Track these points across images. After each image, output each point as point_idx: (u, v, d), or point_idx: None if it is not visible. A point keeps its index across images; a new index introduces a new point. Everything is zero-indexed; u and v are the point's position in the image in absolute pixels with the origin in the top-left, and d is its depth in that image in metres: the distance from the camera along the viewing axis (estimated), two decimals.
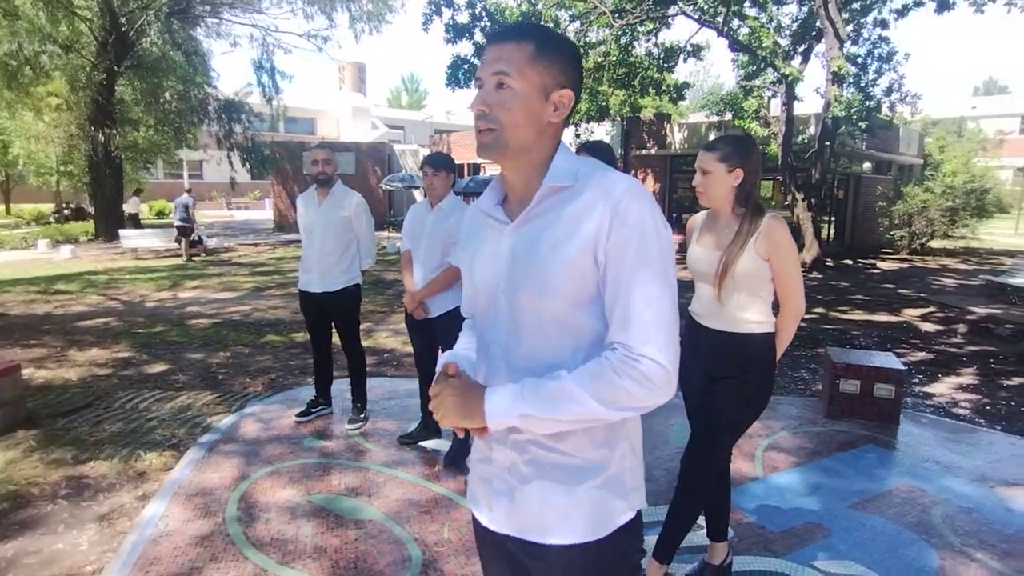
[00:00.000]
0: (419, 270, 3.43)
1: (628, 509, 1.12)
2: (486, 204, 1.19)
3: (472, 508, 1.24)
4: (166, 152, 20.29)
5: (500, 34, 1.09)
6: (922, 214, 15.09)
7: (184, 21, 17.11)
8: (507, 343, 1.11)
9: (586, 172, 1.08)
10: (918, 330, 7.40)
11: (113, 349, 5.92)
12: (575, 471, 1.08)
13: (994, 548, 2.71)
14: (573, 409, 0.99)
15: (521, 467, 1.11)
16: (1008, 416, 4.49)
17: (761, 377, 2.21)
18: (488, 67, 1.08)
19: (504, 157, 1.10)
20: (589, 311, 1.06)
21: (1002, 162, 27.65)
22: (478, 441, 1.19)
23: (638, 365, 0.97)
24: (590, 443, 1.08)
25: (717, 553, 2.44)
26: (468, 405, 1.05)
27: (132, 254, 13.98)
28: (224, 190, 29.75)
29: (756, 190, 2.21)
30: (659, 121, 16.62)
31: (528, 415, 1.01)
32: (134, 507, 3.01)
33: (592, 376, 0.99)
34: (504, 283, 1.11)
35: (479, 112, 1.08)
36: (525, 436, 1.10)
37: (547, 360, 1.08)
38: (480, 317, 1.19)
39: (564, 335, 1.07)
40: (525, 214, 1.10)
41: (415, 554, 2.61)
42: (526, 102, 1.06)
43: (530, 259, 1.07)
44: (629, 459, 1.13)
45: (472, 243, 1.22)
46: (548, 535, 1.09)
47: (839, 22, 11.43)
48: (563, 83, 1.09)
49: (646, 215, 1.02)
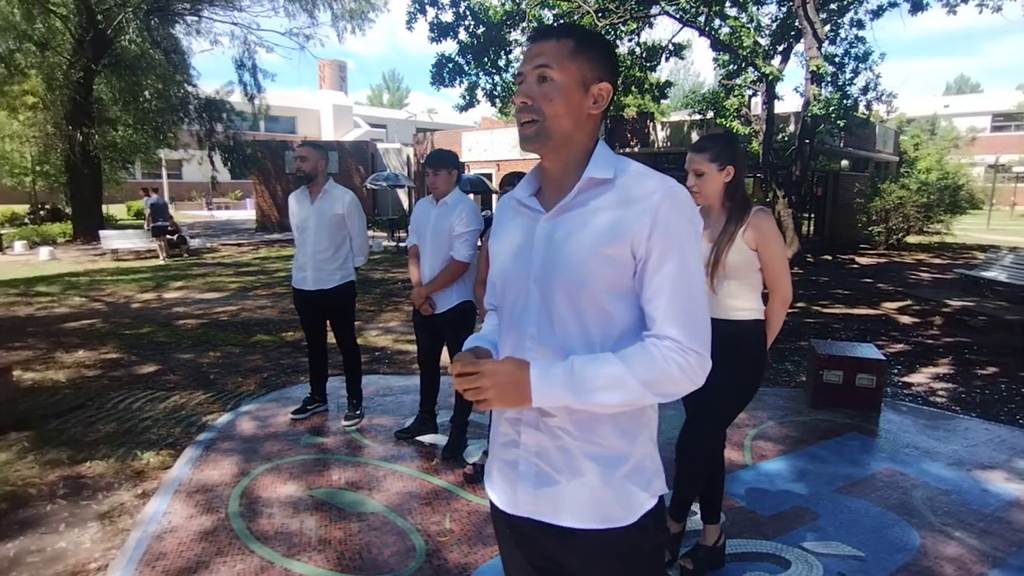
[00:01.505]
0: (426, 265, 3.47)
1: (651, 496, 1.15)
2: (521, 194, 1.21)
3: (490, 492, 1.25)
4: (145, 151, 20.01)
5: (542, 32, 1.14)
6: (898, 210, 15.44)
7: (163, 19, 16.86)
8: (538, 331, 1.13)
9: (624, 167, 1.12)
10: (896, 322, 7.61)
11: (100, 350, 5.88)
12: (603, 458, 1.11)
13: (972, 527, 2.85)
14: (620, 395, 1.03)
15: (552, 452, 1.13)
16: (982, 403, 4.67)
17: (752, 362, 2.31)
18: (530, 62, 1.12)
19: (546, 147, 1.13)
20: (622, 301, 1.10)
21: (974, 159, 28.38)
22: (504, 425, 1.20)
23: (688, 357, 1.03)
24: (617, 431, 1.11)
25: (710, 535, 2.54)
26: (511, 384, 1.04)
27: (113, 255, 13.78)
28: (204, 190, 29.44)
29: (743, 184, 2.32)
30: (642, 120, 16.79)
31: (578, 400, 1.04)
32: (135, 505, 3.03)
33: (643, 363, 1.03)
34: (537, 271, 1.13)
35: (522, 104, 1.12)
36: (556, 421, 1.12)
37: (579, 347, 1.10)
38: (509, 305, 1.20)
39: (596, 324, 1.10)
40: (563, 204, 1.13)
41: (419, 544, 2.67)
42: (567, 93, 1.10)
43: (567, 248, 1.10)
44: (650, 446, 1.17)
45: (504, 231, 1.24)
46: (575, 520, 1.12)
47: (817, 22, 11.65)
48: (601, 76, 1.13)
49: (686, 214, 1.08)
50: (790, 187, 12.98)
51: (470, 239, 3.38)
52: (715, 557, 2.52)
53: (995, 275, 8.79)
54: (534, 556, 1.22)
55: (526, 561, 1.23)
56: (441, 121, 39.06)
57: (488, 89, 13.92)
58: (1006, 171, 29.73)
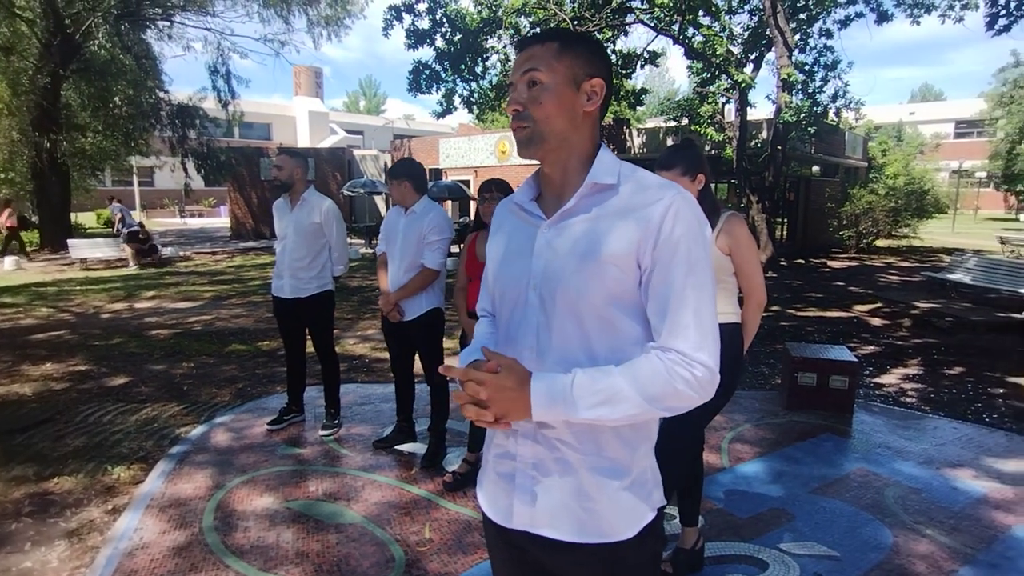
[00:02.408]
0: (394, 272, 3.46)
1: (651, 509, 1.12)
2: (521, 198, 1.18)
3: (483, 504, 1.21)
4: (116, 158, 19.58)
5: (525, 40, 1.12)
6: (868, 215, 15.81)
7: (134, 24, 16.55)
8: (537, 341, 1.10)
9: (628, 172, 1.09)
10: (867, 324, 7.77)
11: (69, 362, 5.72)
12: (604, 471, 1.07)
13: (942, 524, 2.91)
14: (624, 409, 0.99)
15: (549, 464, 1.09)
16: (950, 403, 4.79)
17: (728, 364, 2.34)
18: (518, 69, 1.10)
19: (543, 151, 1.10)
20: (626, 311, 1.06)
21: (939, 164, 29.20)
22: (499, 436, 1.15)
23: (694, 370, 0.99)
24: (619, 442, 1.08)
25: (688, 538, 2.56)
26: (511, 395, 1.00)
27: (81, 264, 13.45)
28: (177, 197, 28.86)
29: (711, 189, 2.36)
30: (618, 126, 16.96)
31: (579, 414, 0.99)
32: (105, 521, 2.95)
33: (646, 376, 0.99)
34: (537, 279, 1.09)
35: (514, 112, 1.09)
36: (555, 433, 1.07)
37: (581, 358, 1.06)
38: (507, 314, 1.16)
39: (598, 334, 1.06)
40: (565, 210, 1.09)
41: (398, 554, 2.64)
42: (556, 93, 1.07)
43: (569, 256, 1.06)
44: (650, 458, 1.14)
45: (502, 236, 1.20)
46: (576, 535, 1.08)
47: (787, 31, 11.91)
48: (592, 72, 1.09)
49: (693, 222, 1.03)
50: (763, 192, 13.21)
51: (441, 247, 3.39)
52: (694, 560, 2.54)
53: (960, 277, 9.04)
54: (529, 570, 1.18)
55: (520, 574, 1.20)
56: (418, 128, 38.97)
57: (465, 96, 13.94)
58: (969, 176, 30.67)
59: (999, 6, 9.90)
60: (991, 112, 30.30)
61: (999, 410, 4.63)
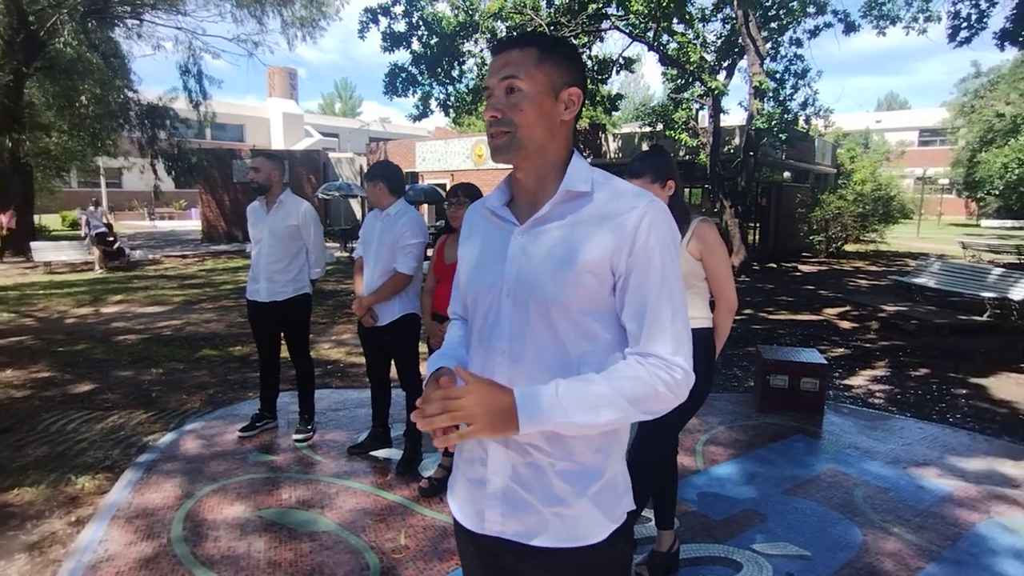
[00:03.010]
0: (368, 275, 3.43)
1: (622, 512, 1.13)
2: (493, 203, 1.18)
3: (454, 510, 1.20)
4: (82, 159, 19.07)
5: (503, 43, 1.11)
6: (837, 220, 16.18)
7: (101, 21, 16.16)
8: (510, 346, 1.09)
9: (601, 180, 1.10)
10: (837, 327, 7.94)
11: (31, 369, 5.54)
12: (575, 476, 1.08)
13: (909, 523, 2.98)
14: (609, 415, 0.99)
15: (521, 469, 1.09)
16: (916, 404, 4.92)
17: (700, 368, 2.36)
18: (495, 75, 1.09)
19: (519, 158, 1.10)
20: (600, 317, 1.07)
21: (904, 171, 30.06)
22: (469, 441, 1.13)
23: (673, 373, 1.02)
24: (589, 448, 1.08)
25: (664, 540, 2.57)
26: (497, 412, 0.97)
27: (45, 268, 13.05)
28: (146, 199, 28.24)
29: (682, 194, 2.39)
30: (594, 131, 17.10)
31: (567, 423, 0.98)
32: (68, 533, 2.85)
33: (630, 382, 1.00)
34: (510, 285, 1.09)
35: (492, 118, 1.09)
36: (526, 438, 1.06)
37: (554, 364, 1.07)
38: (479, 319, 1.16)
39: (573, 341, 1.07)
40: (539, 217, 1.10)
41: (372, 562, 2.61)
42: (536, 101, 1.07)
43: (545, 262, 1.07)
44: (621, 463, 1.14)
45: (474, 241, 1.20)
46: (546, 540, 1.08)
47: (759, 40, 12.16)
48: (570, 81, 1.10)
49: (666, 231, 1.06)
50: (736, 197, 13.43)
51: (414, 251, 3.36)
52: (670, 563, 2.56)
53: (925, 281, 9.30)
54: (502, 574, 1.18)
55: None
56: (394, 131, 38.73)
57: (441, 99, 13.90)
58: (932, 183, 31.62)
59: (961, 19, 10.23)
60: (953, 121, 31.28)
61: (962, 410, 4.77)
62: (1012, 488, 3.35)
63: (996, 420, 4.55)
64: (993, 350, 6.70)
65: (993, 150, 23.42)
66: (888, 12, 12.01)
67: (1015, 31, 9.27)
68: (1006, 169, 21.42)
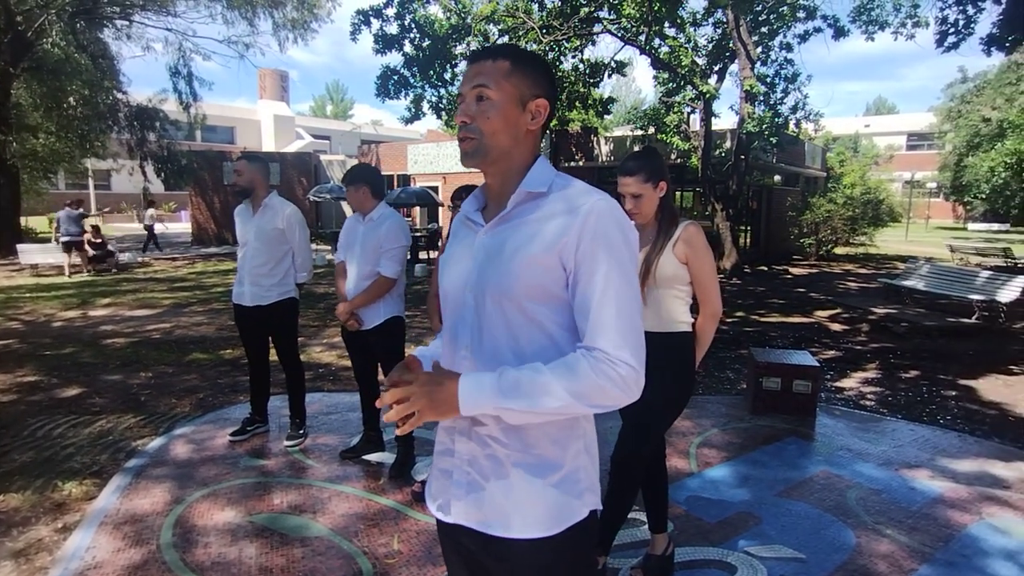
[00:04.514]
0: (352, 280, 3.40)
1: (582, 507, 1.15)
2: (468, 209, 1.26)
3: (428, 499, 1.27)
4: (69, 161, 18.90)
5: (477, 54, 1.18)
6: (827, 223, 16.30)
7: (90, 22, 16.04)
8: (471, 340, 1.16)
9: (561, 183, 1.16)
10: (828, 330, 7.99)
11: (16, 373, 5.47)
12: (531, 467, 1.12)
13: (901, 524, 2.99)
14: (549, 403, 1.02)
15: (481, 460, 1.15)
16: (907, 405, 4.95)
17: (681, 373, 2.35)
18: (468, 83, 1.16)
19: (485, 163, 1.17)
20: (551, 311, 1.12)
21: (892, 175, 30.32)
22: (441, 434, 1.23)
23: (617, 368, 1.03)
24: (547, 440, 1.13)
25: (659, 544, 2.56)
26: (441, 394, 1.05)
27: (32, 270, 12.90)
28: (135, 201, 27.99)
29: (671, 196, 2.38)
30: (586, 134, 17.12)
31: (505, 408, 1.03)
32: (54, 540, 2.81)
33: (571, 372, 1.03)
34: (472, 281, 1.16)
35: (462, 124, 1.16)
36: (486, 430, 1.13)
37: (510, 357, 1.12)
38: (450, 315, 1.23)
39: (526, 333, 1.12)
40: (500, 216, 1.17)
41: (365, 567, 2.58)
42: (503, 111, 1.14)
43: (498, 258, 1.13)
44: (583, 458, 1.17)
45: (451, 246, 1.28)
46: (504, 528, 1.13)
47: (750, 44, 12.25)
48: (538, 93, 1.17)
49: (613, 226, 1.09)
50: (728, 201, 13.50)
51: (397, 255, 3.35)
52: (665, 566, 2.55)
53: (914, 284, 9.38)
54: (471, 563, 1.23)
55: (464, 569, 1.25)
56: (386, 133, 38.67)
57: (433, 102, 13.88)
58: (920, 187, 31.95)
59: (948, 25, 10.34)
60: (940, 126, 31.61)
61: (952, 412, 4.80)
62: (1002, 489, 3.38)
63: (986, 421, 4.59)
64: (981, 352, 6.76)
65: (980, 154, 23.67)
66: (877, 17, 12.13)
67: (1002, 36, 9.38)
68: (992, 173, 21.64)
